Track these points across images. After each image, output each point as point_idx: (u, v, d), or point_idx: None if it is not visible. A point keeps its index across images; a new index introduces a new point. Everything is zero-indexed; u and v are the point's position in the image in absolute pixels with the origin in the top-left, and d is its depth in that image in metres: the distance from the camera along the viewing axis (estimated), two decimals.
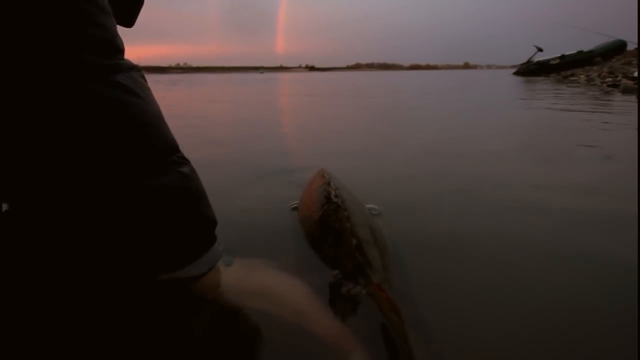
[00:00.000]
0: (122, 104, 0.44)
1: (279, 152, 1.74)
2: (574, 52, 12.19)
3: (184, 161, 0.52)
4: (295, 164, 1.47)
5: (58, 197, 0.43)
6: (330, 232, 0.64)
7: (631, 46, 11.22)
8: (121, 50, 0.48)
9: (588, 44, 12.26)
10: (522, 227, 0.85)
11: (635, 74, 6.52)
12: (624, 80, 6.13)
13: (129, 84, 0.46)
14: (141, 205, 0.45)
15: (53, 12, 0.40)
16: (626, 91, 4.82)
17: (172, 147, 0.51)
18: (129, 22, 0.61)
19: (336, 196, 0.68)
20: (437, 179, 1.25)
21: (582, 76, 8.84)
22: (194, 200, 0.51)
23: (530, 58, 13.98)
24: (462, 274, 0.65)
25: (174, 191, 0.48)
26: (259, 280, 0.57)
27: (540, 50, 13.80)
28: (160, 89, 8.51)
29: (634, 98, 4.08)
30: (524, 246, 0.75)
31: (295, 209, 0.88)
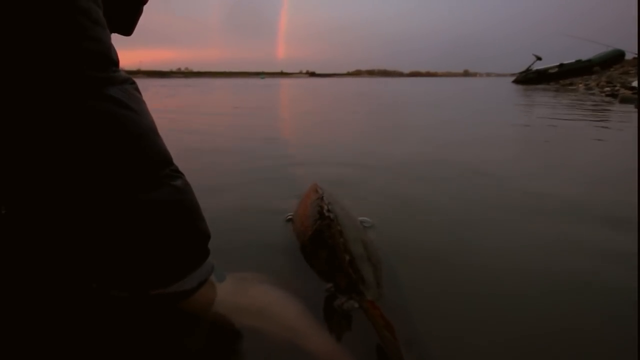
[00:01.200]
0: (114, 118, 0.44)
1: (274, 158, 1.74)
2: (573, 61, 12.28)
3: (178, 174, 0.52)
4: (291, 171, 1.47)
5: (50, 210, 0.43)
6: (324, 247, 0.63)
7: (629, 56, 11.32)
8: (115, 63, 0.48)
9: (587, 53, 12.37)
10: (519, 238, 0.84)
11: (633, 84, 6.57)
12: (622, 90, 6.18)
13: (122, 97, 0.46)
14: (134, 219, 0.45)
15: (48, 26, 0.40)
16: (624, 101, 4.85)
17: (165, 159, 0.51)
18: (127, 31, 0.61)
19: (329, 211, 0.68)
20: (430, 190, 1.24)
21: (580, 85, 8.91)
22: (187, 214, 0.51)
23: (529, 66, 14.08)
24: (457, 286, 0.64)
25: (167, 205, 0.48)
26: (252, 295, 0.56)
27: (539, 59, 13.91)
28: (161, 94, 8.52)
29: (632, 107, 4.12)
30: (522, 257, 0.75)
31: (290, 220, 0.88)
